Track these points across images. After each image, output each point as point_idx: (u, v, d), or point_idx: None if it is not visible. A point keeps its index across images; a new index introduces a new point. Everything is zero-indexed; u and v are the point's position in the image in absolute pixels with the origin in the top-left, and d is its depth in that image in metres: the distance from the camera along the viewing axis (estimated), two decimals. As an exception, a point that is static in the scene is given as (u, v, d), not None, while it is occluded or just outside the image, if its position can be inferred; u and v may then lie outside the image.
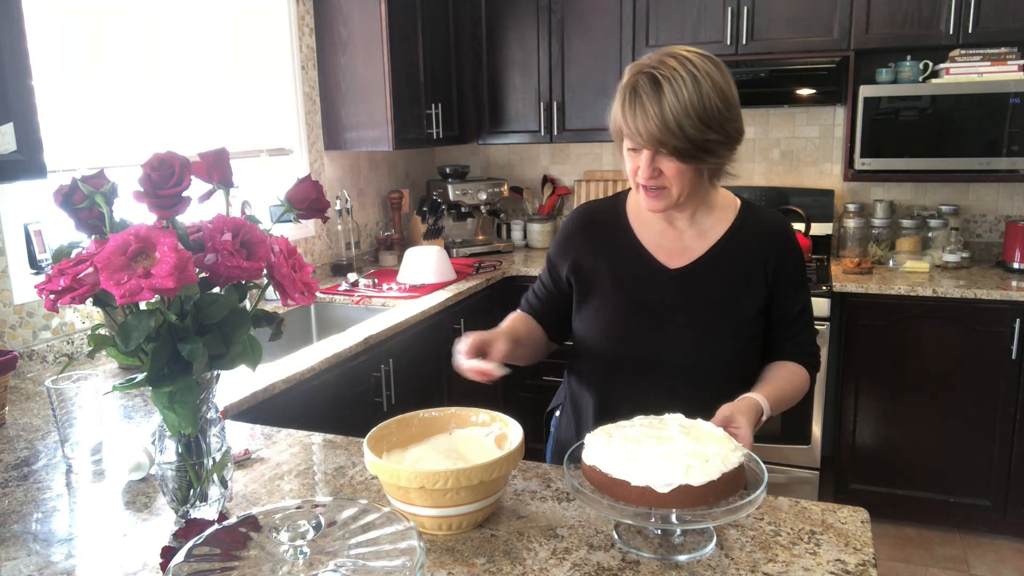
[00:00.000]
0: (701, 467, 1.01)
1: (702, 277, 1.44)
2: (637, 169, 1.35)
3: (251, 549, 0.78)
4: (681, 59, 1.30)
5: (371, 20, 3.17)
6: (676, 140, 1.27)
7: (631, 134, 1.31)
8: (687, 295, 1.43)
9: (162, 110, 2.61)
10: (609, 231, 1.51)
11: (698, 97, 1.27)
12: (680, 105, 1.26)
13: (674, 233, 1.47)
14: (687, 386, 1.42)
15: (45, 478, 1.40)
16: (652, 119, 1.27)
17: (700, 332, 1.42)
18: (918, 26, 3.04)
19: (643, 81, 1.29)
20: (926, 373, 2.98)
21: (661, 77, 1.28)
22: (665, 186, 1.34)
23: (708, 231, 1.46)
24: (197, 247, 0.99)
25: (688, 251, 1.46)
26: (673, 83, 1.27)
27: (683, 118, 1.26)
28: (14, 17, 1.60)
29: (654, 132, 1.27)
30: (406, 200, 3.78)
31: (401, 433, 1.24)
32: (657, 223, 1.48)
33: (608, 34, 3.47)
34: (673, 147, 1.28)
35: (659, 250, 1.47)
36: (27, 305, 2.13)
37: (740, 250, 1.45)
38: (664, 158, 1.31)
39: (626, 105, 1.31)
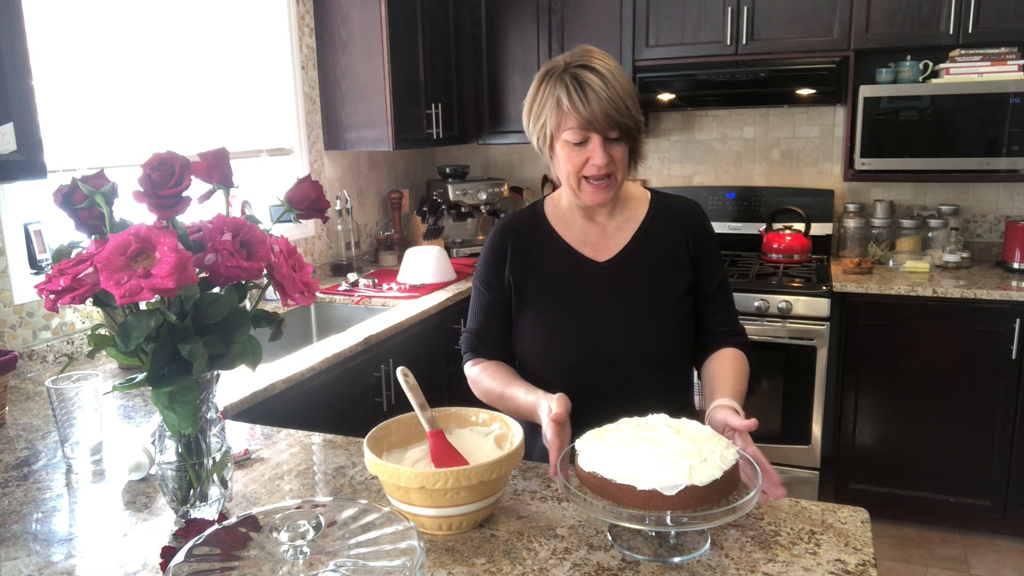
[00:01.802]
0: (702, 466, 1.01)
1: (631, 266, 1.49)
2: (583, 163, 1.38)
3: (251, 549, 0.78)
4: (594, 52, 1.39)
5: (371, 20, 3.17)
6: (626, 119, 1.36)
7: (584, 122, 1.34)
8: (619, 285, 1.47)
9: (162, 110, 2.61)
10: (533, 238, 1.54)
11: (628, 82, 1.38)
12: (621, 87, 1.35)
13: (596, 228, 1.52)
14: (635, 373, 1.46)
15: (45, 478, 1.40)
16: (606, 101, 1.33)
17: (638, 318, 1.46)
18: (918, 26, 3.04)
19: (581, 72, 1.35)
20: (926, 373, 2.98)
21: (597, 67, 1.36)
22: (612, 172, 1.40)
23: (627, 221, 1.52)
24: (197, 247, 0.99)
25: (612, 243, 1.51)
26: (606, 71, 1.36)
27: (626, 99, 1.36)
28: (14, 17, 1.60)
29: (611, 112, 1.33)
30: (406, 200, 3.78)
31: (401, 433, 1.24)
32: (579, 222, 1.53)
33: (608, 34, 3.47)
34: (624, 126, 1.36)
35: (585, 247, 1.51)
36: (27, 305, 2.13)
37: (660, 234, 1.51)
38: (612, 144, 1.37)
39: (573, 95, 1.34)
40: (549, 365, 1.49)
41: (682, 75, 3.36)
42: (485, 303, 1.57)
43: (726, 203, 3.69)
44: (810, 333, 3.00)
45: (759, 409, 3.10)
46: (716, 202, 3.70)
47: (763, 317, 3.03)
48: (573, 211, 1.53)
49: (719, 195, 3.70)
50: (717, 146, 3.78)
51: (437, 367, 2.93)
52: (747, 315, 3.03)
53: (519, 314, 1.53)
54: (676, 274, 1.49)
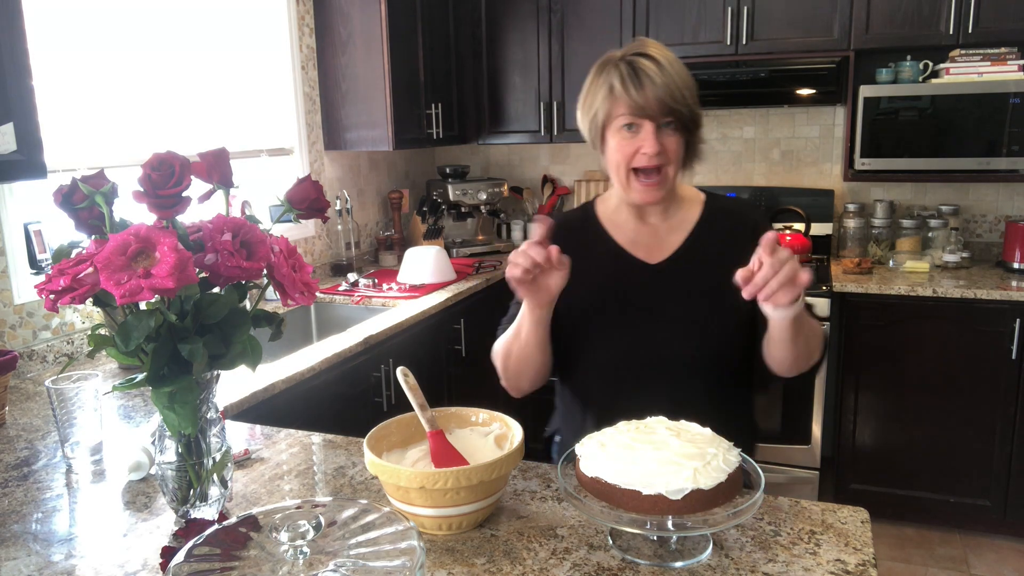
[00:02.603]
0: (706, 470, 1.00)
1: (684, 268, 1.44)
2: (633, 153, 1.34)
3: (251, 549, 0.78)
4: (651, 42, 1.37)
5: (371, 20, 3.17)
6: (680, 106, 1.31)
7: (637, 109, 1.31)
8: (671, 288, 1.43)
9: (162, 110, 2.61)
10: (583, 238, 1.49)
11: (686, 72, 1.35)
12: (677, 76, 1.32)
13: (648, 230, 1.47)
14: (687, 380, 1.40)
15: (45, 478, 1.40)
16: (661, 87, 1.30)
17: (691, 323, 1.41)
18: (918, 26, 3.04)
19: (637, 60, 1.33)
20: (926, 373, 2.98)
21: (651, 53, 1.33)
22: (663, 165, 1.35)
23: (680, 223, 1.47)
24: (197, 247, 0.99)
25: (665, 245, 1.46)
26: (663, 58, 1.33)
27: (683, 88, 1.32)
28: (14, 17, 1.60)
29: (664, 98, 1.30)
30: (406, 200, 3.78)
31: (401, 433, 1.24)
32: (630, 222, 1.48)
33: (608, 34, 3.47)
34: (678, 114, 1.32)
35: (636, 248, 1.46)
36: (27, 305, 2.13)
37: (716, 237, 1.45)
38: (665, 133, 1.33)
39: (627, 82, 1.31)
40: (595, 370, 1.45)
41: (682, 75, 3.35)
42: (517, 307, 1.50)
43: (726, 203, 3.68)
44: (810, 333, 3.00)
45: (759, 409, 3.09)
46: (716, 202, 3.70)
47: (763, 317, 3.03)
48: (625, 211, 1.49)
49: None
50: (717, 146, 3.78)
51: (437, 367, 2.93)
52: (747, 315, 3.02)
53: (563, 315, 1.44)
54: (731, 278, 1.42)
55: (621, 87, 1.32)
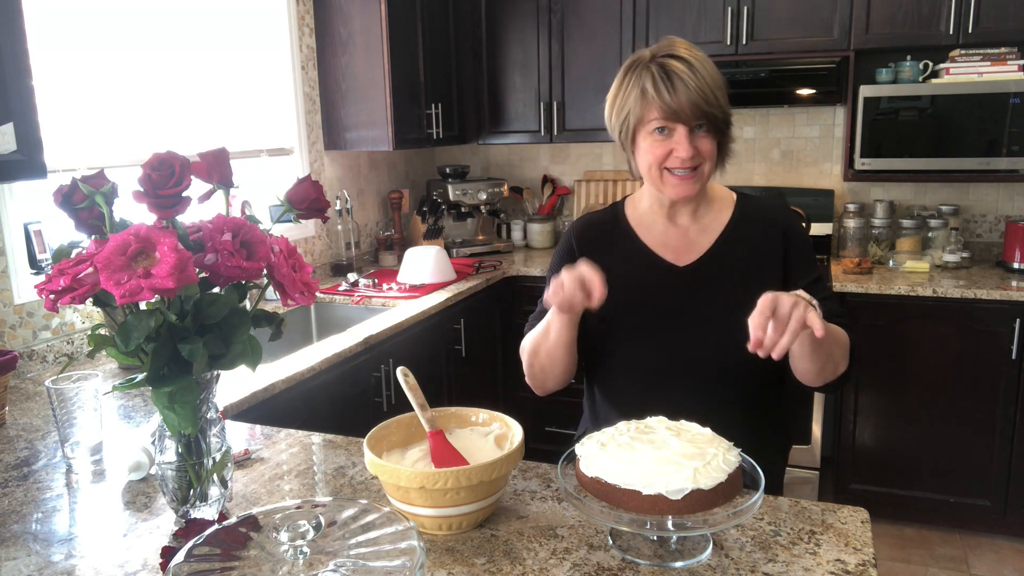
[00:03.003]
0: (706, 469, 1.00)
1: (713, 271, 1.42)
2: (666, 154, 1.33)
3: (251, 549, 0.78)
4: (681, 42, 1.34)
5: (371, 20, 3.17)
6: (714, 109, 1.30)
7: (669, 112, 1.29)
8: (700, 291, 1.40)
9: (162, 110, 2.61)
10: (610, 238, 1.48)
11: (717, 73, 1.32)
12: (709, 78, 1.30)
13: (677, 231, 1.45)
14: (717, 384, 1.38)
15: (45, 478, 1.40)
16: (694, 91, 1.28)
17: (719, 326, 1.36)
18: (918, 26, 3.04)
19: (668, 61, 1.31)
20: (926, 373, 2.98)
21: (685, 55, 1.31)
22: (699, 164, 1.34)
23: (710, 225, 1.45)
24: (197, 247, 0.99)
25: (694, 247, 1.44)
26: (694, 60, 1.31)
27: (716, 89, 1.30)
28: (14, 17, 1.60)
29: (697, 102, 1.28)
30: (406, 200, 3.78)
31: (401, 433, 1.24)
32: (659, 223, 1.46)
33: (608, 34, 3.47)
34: (711, 117, 1.31)
35: (665, 250, 1.44)
36: (27, 305, 2.13)
37: (746, 239, 1.43)
38: (698, 136, 1.32)
39: (658, 84, 1.29)
40: (621, 372, 1.43)
41: (682, 75, 3.36)
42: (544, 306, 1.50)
43: (726, 203, 3.68)
44: (810, 333, 2.99)
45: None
46: (716, 202, 3.70)
47: (763, 317, 3.03)
48: (654, 212, 1.47)
49: (719, 195, 3.69)
50: (717, 146, 3.77)
51: (437, 367, 2.94)
52: (747, 315, 3.03)
53: (590, 317, 1.42)
54: (762, 281, 1.36)
55: (653, 90, 1.30)
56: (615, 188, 3.95)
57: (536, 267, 3.46)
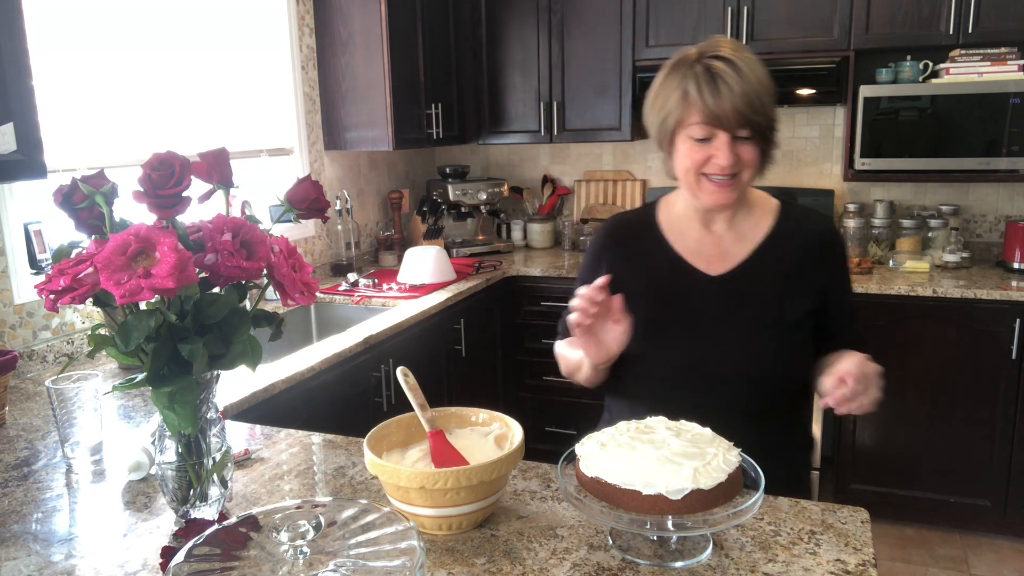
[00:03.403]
0: (706, 469, 1.00)
1: (746, 282, 1.36)
2: (704, 160, 1.27)
3: (251, 549, 0.78)
4: (729, 43, 1.28)
5: (371, 20, 3.17)
6: (759, 116, 1.24)
7: (711, 117, 1.23)
8: (731, 302, 1.34)
9: (162, 110, 2.61)
10: (641, 242, 1.43)
11: (766, 76, 1.25)
12: (757, 81, 1.24)
13: (712, 238, 1.39)
14: (742, 396, 1.34)
15: (45, 478, 1.40)
16: (738, 96, 1.22)
17: (748, 339, 1.32)
18: (918, 26, 3.04)
19: (716, 63, 1.24)
20: (926, 373, 2.98)
21: (732, 57, 1.24)
22: (738, 173, 1.28)
23: (748, 233, 1.39)
24: (197, 247, 0.99)
25: (728, 256, 1.38)
26: (747, 64, 1.24)
27: (763, 95, 1.24)
28: (14, 17, 1.60)
29: (742, 108, 1.22)
30: (406, 200, 3.78)
31: (401, 433, 1.24)
32: (693, 229, 1.40)
33: (608, 34, 3.47)
34: (756, 124, 1.24)
35: (698, 257, 1.39)
36: (27, 305, 2.13)
37: (784, 251, 1.37)
38: (741, 142, 1.26)
39: (702, 87, 1.23)
40: (646, 379, 1.38)
41: (682, 75, 3.36)
42: None
43: (726, 203, 3.68)
44: (810, 333, 3.00)
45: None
46: (716, 202, 3.70)
47: (763, 317, 3.03)
48: (688, 217, 1.40)
49: (719, 195, 3.69)
50: (717, 146, 3.77)
51: (437, 367, 2.94)
52: (747, 315, 3.03)
53: None
54: (797, 296, 1.34)
55: (696, 94, 1.24)
56: (615, 188, 3.95)
57: (536, 267, 3.46)
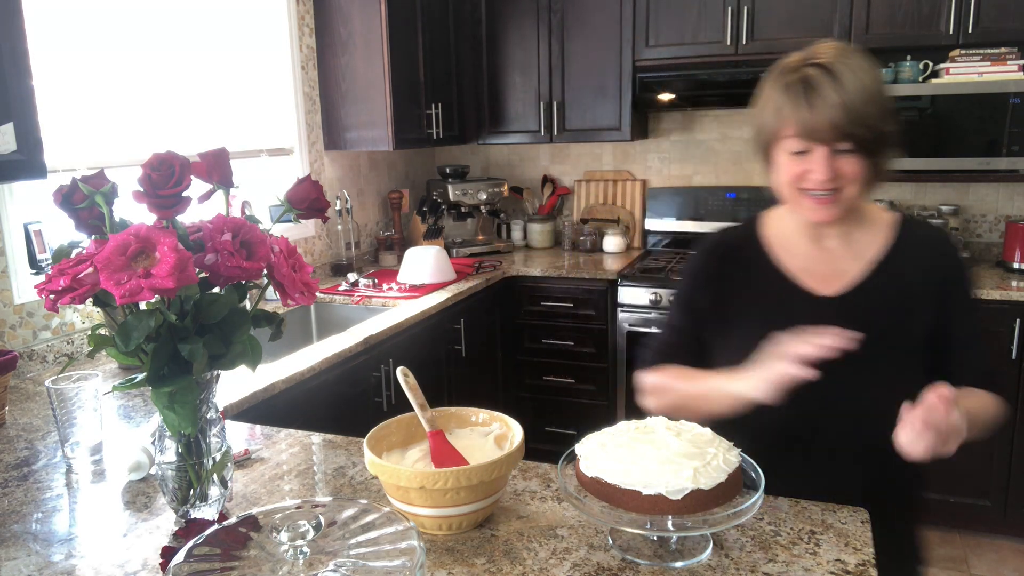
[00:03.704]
0: (705, 469, 1.00)
1: (864, 304, 1.25)
2: (802, 174, 1.19)
3: (251, 549, 0.78)
4: (843, 50, 1.19)
5: (371, 20, 3.17)
6: (861, 129, 1.14)
7: (807, 130, 1.15)
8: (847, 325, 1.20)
9: (162, 110, 2.61)
10: (746, 261, 1.33)
11: (873, 83, 1.16)
12: (863, 91, 1.14)
13: (823, 255, 1.30)
14: (858, 428, 1.24)
15: (45, 478, 1.40)
16: (836, 108, 1.13)
17: (867, 368, 1.22)
18: (918, 26, 3.04)
19: (813, 72, 1.16)
20: (926, 373, 2.97)
21: (833, 66, 1.15)
22: (840, 188, 1.19)
23: (863, 250, 1.28)
24: (197, 247, 0.99)
25: (843, 275, 1.28)
26: (848, 70, 1.15)
27: (868, 105, 1.14)
28: (14, 17, 1.60)
29: (839, 122, 1.13)
30: (406, 200, 3.78)
31: (401, 433, 1.24)
32: (803, 245, 1.31)
33: (608, 34, 3.47)
34: (859, 138, 1.14)
35: (809, 276, 1.29)
36: (27, 305, 2.13)
37: (903, 268, 1.27)
38: (842, 156, 1.16)
39: (796, 98, 1.16)
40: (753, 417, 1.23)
41: (682, 75, 3.36)
42: (680, 326, 1.38)
43: (726, 203, 3.69)
44: (810, 333, 3.00)
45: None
46: (716, 202, 3.70)
47: (763, 317, 3.03)
48: (797, 232, 1.31)
49: (719, 195, 3.69)
50: (717, 146, 3.78)
51: (437, 367, 2.93)
52: (747, 315, 3.03)
53: (720, 350, 1.30)
54: (914, 322, 1.25)
55: (790, 106, 1.17)
56: (615, 188, 3.95)
57: (536, 267, 3.46)
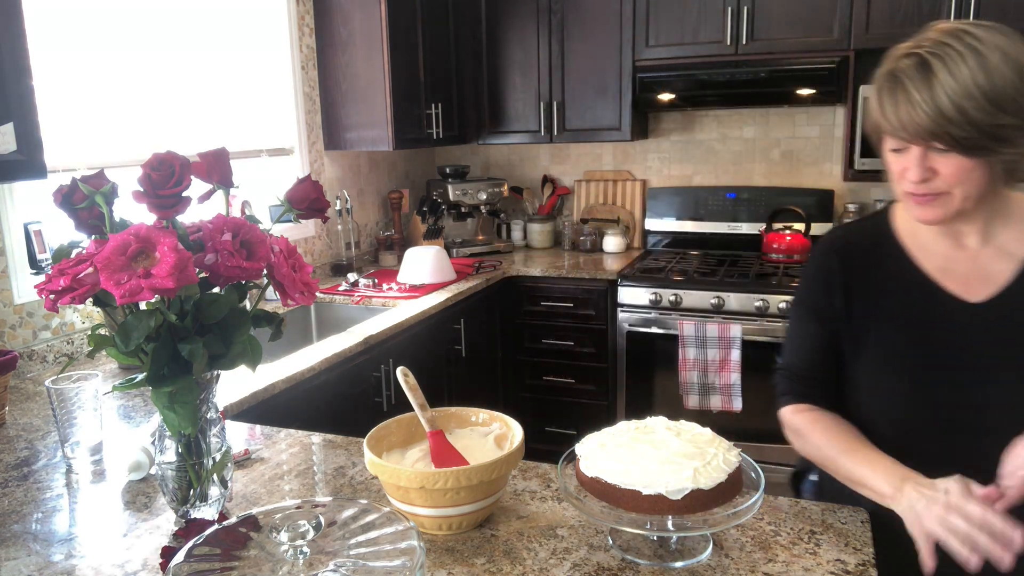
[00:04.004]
0: (706, 469, 1.00)
1: (1017, 310, 1.12)
2: (902, 172, 1.10)
3: (251, 549, 0.78)
4: (957, 32, 1.07)
5: (371, 20, 3.17)
6: (956, 128, 1.02)
7: (893, 129, 1.07)
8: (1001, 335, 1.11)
9: (162, 110, 2.61)
10: (878, 259, 1.21)
11: (984, 73, 1.03)
12: (959, 85, 1.02)
13: (964, 255, 1.17)
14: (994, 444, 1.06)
15: (45, 478, 1.40)
16: (920, 106, 1.03)
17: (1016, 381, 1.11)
18: (918, 26, 2.97)
19: (906, 65, 1.07)
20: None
21: (930, 56, 1.05)
22: (942, 190, 1.08)
23: (1008, 248, 1.16)
24: (197, 247, 0.99)
25: (989, 277, 1.15)
26: (948, 60, 1.04)
27: (964, 100, 1.02)
28: (14, 17, 1.60)
29: (923, 122, 1.03)
30: (406, 200, 3.78)
31: (401, 433, 1.24)
32: (940, 243, 1.18)
33: (608, 34, 3.47)
34: (952, 137, 1.03)
35: (950, 278, 1.16)
36: (27, 305, 2.13)
37: None
38: (940, 155, 1.06)
39: (884, 95, 1.08)
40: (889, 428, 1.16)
41: (682, 75, 3.36)
42: (811, 335, 1.24)
43: (726, 203, 3.69)
44: (810, 333, 3.00)
45: (759, 410, 3.10)
46: (716, 202, 3.70)
47: (763, 317, 3.03)
48: (934, 228, 1.17)
49: (719, 195, 3.70)
50: (717, 146, 3.78)
51: (437, 367, 2.93)
52: (747, 315, 3.03)
53: (853, 359, 1.20)
54: None
55: (877, 104, 1.09)
56: (615, 188, 3.95)
57: (536, 267, 3.46)
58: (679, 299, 3.13)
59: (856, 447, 1.12)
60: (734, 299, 3.06)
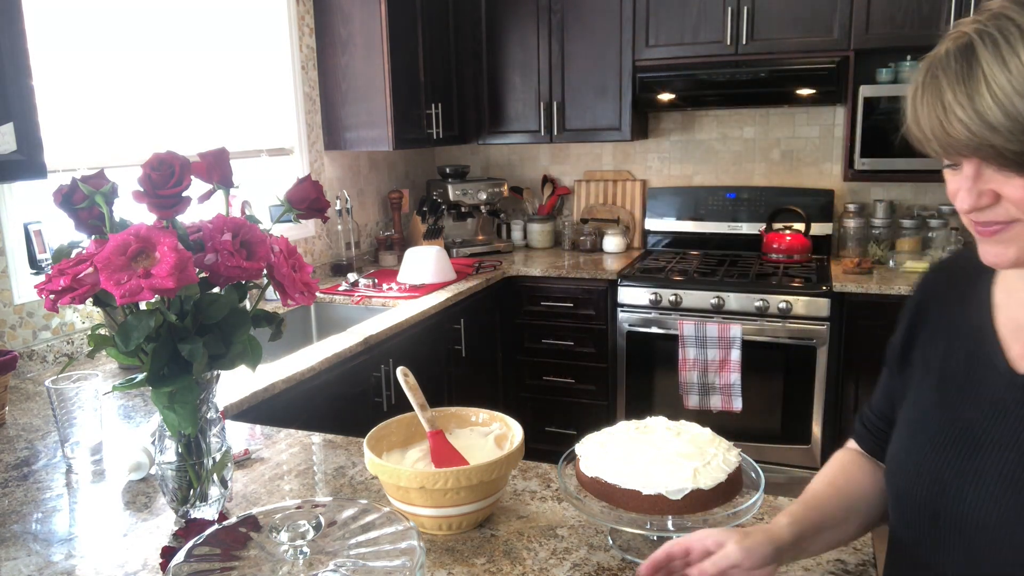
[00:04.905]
0: (706, 469, 1.00)
1: None
2: (954, 193, 0.81)
3: (251, 549, 0.78)
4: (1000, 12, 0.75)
5: (371, 20, 3.17)
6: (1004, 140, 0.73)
7: (924, 138, 0.80)
8: None
9: (162, 110, 2.61)
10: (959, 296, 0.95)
11: None
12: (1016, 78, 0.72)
13: None
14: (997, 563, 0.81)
15: (45, 478, 1.40)
16: (953, 111, 0.75)
17: None
18: (918, 26, 3.04)
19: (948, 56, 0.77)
20: (926, 373, 2.97)
21: (979, 36, 0.74)
22: (1013, 218, 0.77)
23: None
24: (197, 247, 0.99)
25: None
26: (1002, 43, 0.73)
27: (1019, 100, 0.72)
28: (14, 17, 1.60)
29: (957, 134, 0.75)
30: (406, 200, 3.78)
31: (401, 433, 1.24)
32: None
33: (608, 34, 3.47)
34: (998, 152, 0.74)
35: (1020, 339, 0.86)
36: (27, 305, 2.13)
37: None
38: (998, 174, 0.76)
39: (916, 92, 0.80)
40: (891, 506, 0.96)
41: (682, 75, 3.36)
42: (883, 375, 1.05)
43: (726, 203, 3.69)
44: (810, 333, 3.00)
45: (759, 410, 3.10)
46: (716, 202, 3.70)
47: (763, 317, 3.03)
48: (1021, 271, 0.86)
49: (719, 195, 3.70)
50: (717, 146, 3.78)
51: (437, 367, 2.93)
52: (747, 315, 3.03)
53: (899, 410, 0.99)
54: None
55: (910, 104, 0.82)
56: (615, 188, 3.95)
57: (536, 267, 3.46)
58: (679, 299, 3.13)
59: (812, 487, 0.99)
60: (734, 299, 3.06)
